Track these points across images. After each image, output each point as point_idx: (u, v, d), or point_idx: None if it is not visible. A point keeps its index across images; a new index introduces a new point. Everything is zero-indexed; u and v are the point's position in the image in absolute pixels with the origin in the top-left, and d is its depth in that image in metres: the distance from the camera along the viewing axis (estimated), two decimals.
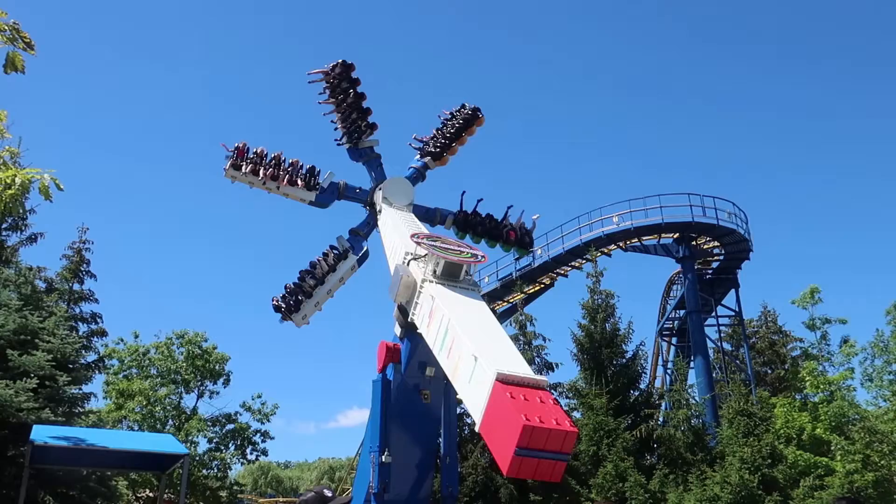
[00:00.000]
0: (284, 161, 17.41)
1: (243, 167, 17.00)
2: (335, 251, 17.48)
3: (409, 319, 11.30)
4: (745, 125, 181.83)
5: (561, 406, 7.77)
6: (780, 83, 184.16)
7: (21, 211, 25.04)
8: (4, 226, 26.17)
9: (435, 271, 10.94)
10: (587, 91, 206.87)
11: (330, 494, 5.10)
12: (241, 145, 17.21)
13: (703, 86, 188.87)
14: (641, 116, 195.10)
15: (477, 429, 7.47)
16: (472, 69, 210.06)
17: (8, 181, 9.51)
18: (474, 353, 8.03)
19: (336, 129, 18.02)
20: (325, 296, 17.14)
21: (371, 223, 17.55)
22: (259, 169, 17.07)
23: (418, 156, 18.67)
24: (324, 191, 17.53)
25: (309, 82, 18.00)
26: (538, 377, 7.83)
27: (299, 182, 17.26)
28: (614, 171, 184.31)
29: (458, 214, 18.25)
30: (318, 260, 17.51)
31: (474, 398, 7.80)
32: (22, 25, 7.22)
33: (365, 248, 17.69)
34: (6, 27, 7.07)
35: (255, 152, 17.28)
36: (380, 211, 16.80)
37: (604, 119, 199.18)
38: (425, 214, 17.81)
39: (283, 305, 16.76)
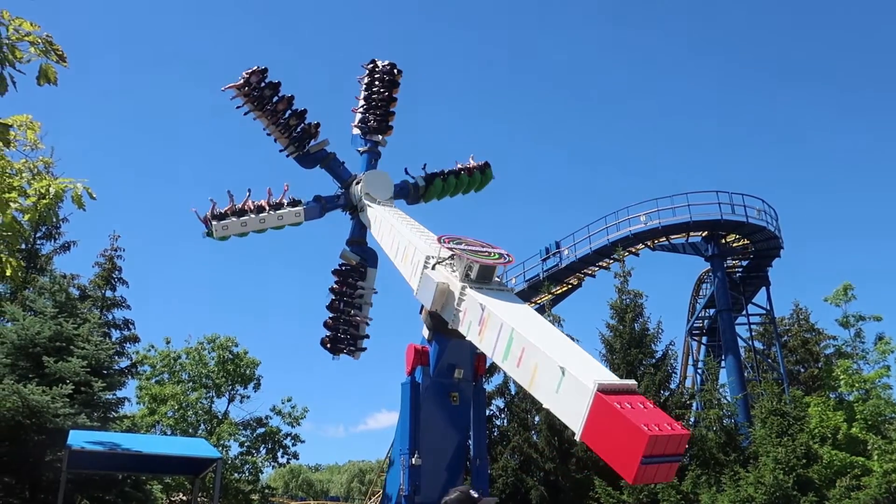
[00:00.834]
0: (256, 203, 16.95)
1: (227, 217, 16.48)
2: (345, 267, 17.37)
3: (449, 327, 11.16)
4: (769, 120, 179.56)
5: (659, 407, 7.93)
6: (806, 77, 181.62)
7: (55, 220, 25.59)
8: (39, 235, 26.74)
9: (468, 275, 10.83)
10: (598, 91, 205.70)
11: (476, 495, 5.27)
12: (208, 214, 16.57)
13: (725, 81, 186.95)
14: (660, 114, 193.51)
15: (578, 438, 7.60)
16: (478, 65, 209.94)
17: (42, 191, 9.72)
18: (560, 364, 8.07)
19: (275, 141, 17.13)
20: (366, 318, 17.43)
21: (362, 226, 17.19)
22: (242, 211, 16.58)
23: (356, 131, 18.08)
24: (308, 203, 17.23)
25: (231, 98, 16.81)
26: (628, 381, 7.92)
27: (284, 202, 17.00)
28: (635, 172, 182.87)
29: (422, 178, 18.12)
30: (343, 287, 17.36)
31: (570, 409, 7.84)
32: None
33: (374, 255, 17.43)
34: (39, 40, 7.20)
35: (228, 208, 16.71)
36: (361, 209, 16.57)
37: (619, 119, 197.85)
38: (400, 191, 17.61)
39: (343, 346, 17.12)
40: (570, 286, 33.94)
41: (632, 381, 7.94)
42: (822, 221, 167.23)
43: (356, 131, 18.23)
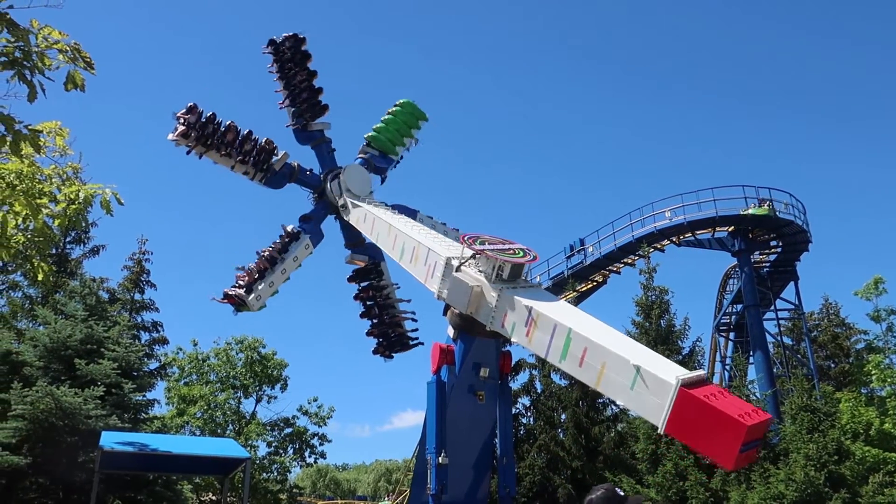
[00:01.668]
0: (264, 257, 16.27)
1: (254, 286, 15.72)
2: (358, 271, 17.27)
3: (488, 329, 11.12)
4: (799, 113, 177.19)
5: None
6: (838, 67, 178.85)
7: (84, 225, 25.98)
8: (68, 239, 27.18)
9: (499, 275, 10.80)
10: (617, 88, 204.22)
11: (622, 494, 5.50)
12: (234, 296, 15.64)
13: (753, 73, 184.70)
14: (681, 111, 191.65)
15: (661, 431, 7.81)
16: (494, 56, 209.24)
17: (72, 196, 9.89)
18: (634, 362, 8.19)
19: (243, 174, 16.37)
20: (404, 313, 17.63)
21: (352, 226, 16.56)
22: (261, 272, 15.92)
23: (293, 126, 17.05)
24: (306, 230, 16.61)
25: (187, 148, 15.77)
26: (699, 372, 8.03)
27: (287, 242, 16.32)
28: (657, 169, 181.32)
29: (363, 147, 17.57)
30: (368, 292, 17.23)
31: (649, 404, 7.96)
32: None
33: (380, 250, 16.64)
34: (68, 48, 7.33)
35: (245, 278, 15.97)
36: (344, 207, 16.17)
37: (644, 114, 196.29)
38: (370, 170, 17.10)
39: (398, 347, 17.34)
40: (595, 283, 33.82)
41: (702, 372, 8.05)
42: (852, 214, 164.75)
43: (296, 127, 17.19)
